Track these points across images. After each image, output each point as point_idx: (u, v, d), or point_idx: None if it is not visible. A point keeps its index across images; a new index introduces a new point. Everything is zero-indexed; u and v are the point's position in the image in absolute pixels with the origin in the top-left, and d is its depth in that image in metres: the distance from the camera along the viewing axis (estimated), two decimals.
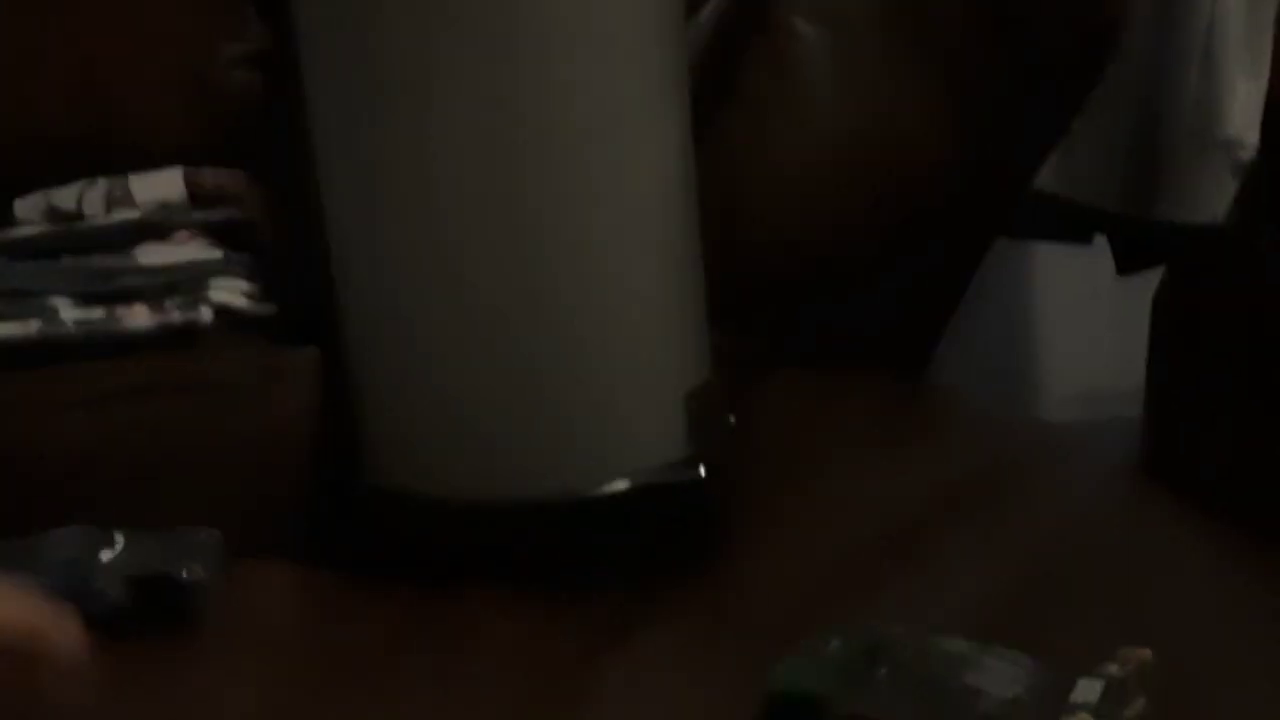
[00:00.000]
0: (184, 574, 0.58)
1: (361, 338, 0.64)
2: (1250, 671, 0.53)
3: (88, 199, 0.89)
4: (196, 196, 0.89)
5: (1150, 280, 1.01)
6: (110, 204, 0.90)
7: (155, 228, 0.87)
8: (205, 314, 0.82)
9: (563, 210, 0.62)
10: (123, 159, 0.87)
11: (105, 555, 0.59)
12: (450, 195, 0.61)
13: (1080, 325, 1.33)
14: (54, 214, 0.89)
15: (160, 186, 0.89)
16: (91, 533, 0.60)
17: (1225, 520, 0.68)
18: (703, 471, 0.64)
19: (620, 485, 0.62)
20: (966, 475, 0.73)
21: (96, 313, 0.82)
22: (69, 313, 0.82)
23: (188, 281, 0.84)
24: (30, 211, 0.88)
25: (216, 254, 0.85)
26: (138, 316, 0.83)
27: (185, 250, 0.86)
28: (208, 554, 0.60)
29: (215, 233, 0.86)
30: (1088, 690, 0.45)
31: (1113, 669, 0.47)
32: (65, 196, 0.88)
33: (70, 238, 0.86)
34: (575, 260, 0.62)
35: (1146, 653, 0.47)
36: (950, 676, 0.48)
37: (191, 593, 0.58)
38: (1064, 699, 0.45)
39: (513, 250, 0.61)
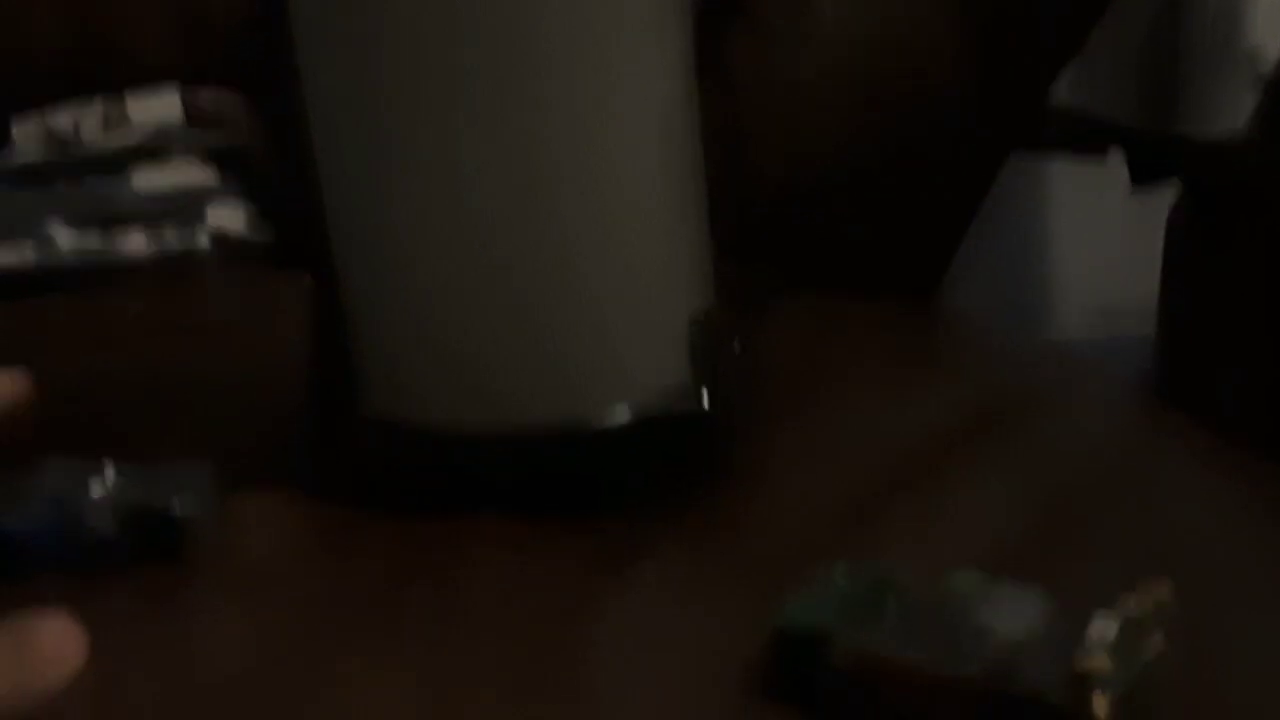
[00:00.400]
0: (174, 508, 0.57)
1: (353, 264, 0.62)
2: (1274, 605, 0.51)
3: (85, 122, 0.88)
4: (193, 118, 0.88)
5: (1165, 196, 1.00)
6: (107, 126, 0.89)
7: (151, 152, 0.86)
8: (203, 241, 0.82)
9: (561, 132, 0.60)
10: (116, 78, 0.86)
11: (96, 489, 0.58)
12: (443, 118, 0.59)
13: (1094, 242, 1.31)
14: (51, 138, 0.88)
15: (157, 108, 0.88)
16: (82, 465, 0.59)
17: (1244, 445, 0.66)
18: (706, 401, 0.62)
19: (621, 415, 0.61)
20: (979, 402, 0.72)
21: (93, 240, 0.82)
22: (65, 240, 0.81)
23: (185, 207, 0.83)
24: (27, 135, 0.87)
25: (213, 178, 0.84)
26: (135, 244, 0.82)
27: (182, 175, 0.85)
28: (200, 487, 0.58)
29: (212, 156, 0.86)
30: (1104, 628, 0.44)
31: (1130, 606, 0.45)
32: (62, 120, 0.87)
33: (66, 163, 0.86)
34: (574, 183, 0.60)
35: (1165, 588, 0.46)
36: (960, 614, 0.46)
37: (182, 527, 0.57)
38: (1079, 637, 0.44)
39: (508, 173, 0.59)
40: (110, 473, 0.58)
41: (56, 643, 0.49)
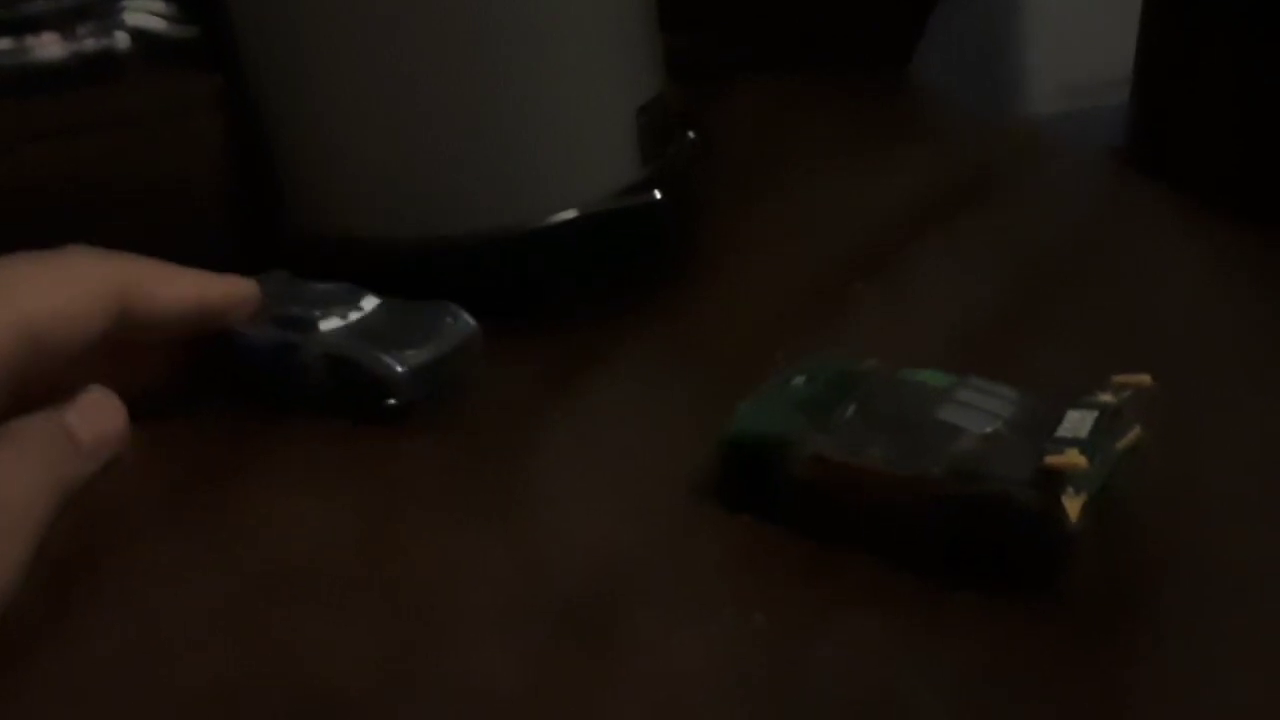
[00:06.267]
0: (372, 363, 0.50)
1: (264, 58, 0.57)
2: (1254, 388, 0.49)
3: None
4: None
5: None
6: None
7: None
8: (120, 40, 0.77)
9: None
10: None
11: (331, 323, 0.52)
12: None
13: (1066, 14, 1.27)
14: None
15: None
16: (347, 292, 0.53)
17: (1218, 211, 0.63)
18: (658, 194, 0.58)
19: (568, 214, 0.57)
20: (947, 183, 0.69)
21: (4, 44, 0.77)
22: None
23: (99, 4, 0.78)
24: None
25: None
26: (49, 46, 0.78)
27: None
28: (443, 343, 0.51)
29: None
30: (1077, 423, 0.41)
31: (1105, 398, 0.42)
32: None
33: None
34: None
35: (1145, 379, 0.43)
36: (924, 413, 0.43)
37: (381, 386, 0.50)
38: (1050, 433, 0.41)
39: None
40: (371, 303, 0.52)
41: (99, 414, 0.48)
